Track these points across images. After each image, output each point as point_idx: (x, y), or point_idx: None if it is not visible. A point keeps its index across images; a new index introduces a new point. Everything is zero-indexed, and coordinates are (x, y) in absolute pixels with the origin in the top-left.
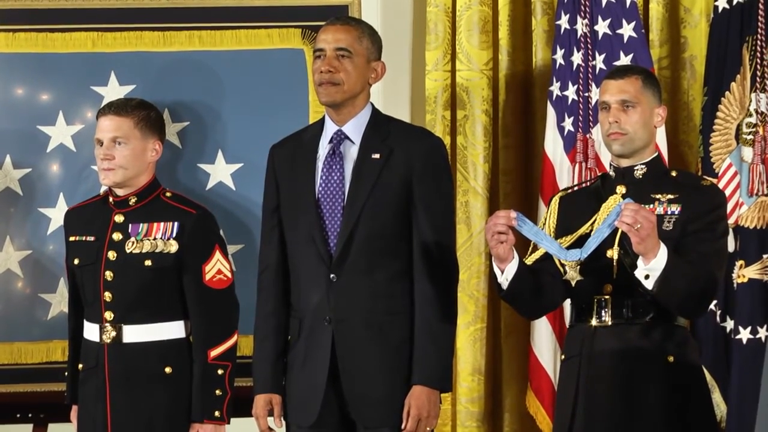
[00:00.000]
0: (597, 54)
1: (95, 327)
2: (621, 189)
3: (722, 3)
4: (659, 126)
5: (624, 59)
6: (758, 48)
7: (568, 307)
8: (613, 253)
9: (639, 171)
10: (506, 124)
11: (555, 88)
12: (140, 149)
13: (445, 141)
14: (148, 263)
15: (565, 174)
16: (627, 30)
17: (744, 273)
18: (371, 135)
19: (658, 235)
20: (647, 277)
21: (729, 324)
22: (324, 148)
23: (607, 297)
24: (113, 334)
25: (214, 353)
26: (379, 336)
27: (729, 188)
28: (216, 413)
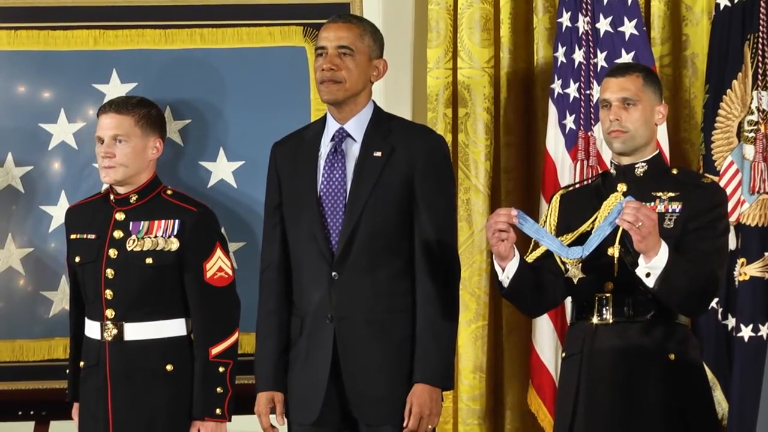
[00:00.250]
0: (598, 52)
1: (96, 325)
2: (622, 187)
3: (724, 1)
4: (660, 124)
5: (625, 57)
6: (760, 46)
7: (569, 305)
8: (614, 251)
9: (640, 169)
10: (508, 122)
11: (556, 86)
12: (141, 147)
13: (447, 139)
14: (149, 261)
15: (567, 172)
16: (628, 27)
17: (745, 271)
18: (373, 133)
19: (659, 233)
20: (648, 275)
21: (730, 322)
22: (326, 146)
23: (608, 295)
24: (114, 332)
25: (215, 351)
26: (381, 334)
27: (730, 186)
28: (217, 411)
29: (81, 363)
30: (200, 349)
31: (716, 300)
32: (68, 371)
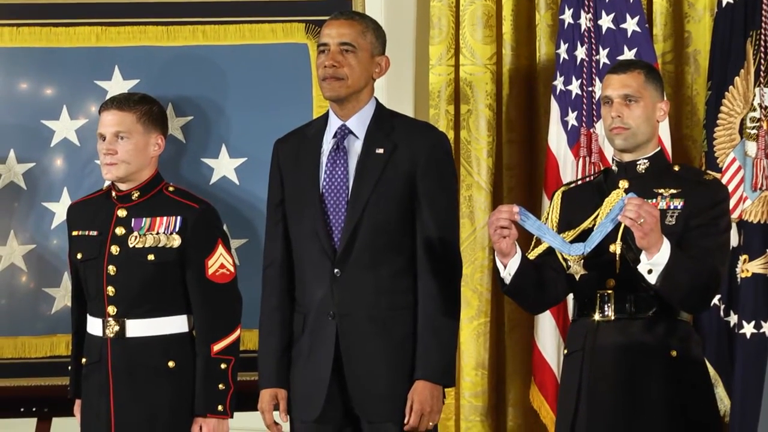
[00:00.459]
0: (601, 48)
1: (98, 321)
2: (623, 184)
3: None
4: (662, 120)
5: (628, 54)
6: (762, 43)
7: (571, 302)
8: (616, 248)
9: (641, 165)
10: (510, 119)
11: (558, 83)
12: (143, 144)
13: (449, 135)
14: (151, 258)
15: (569, 168)
16: (631, 24)
17: (748, 267)
18: (375, 130)
19: (661, 230)
20: (650, 272)
21: (732, 318)
22: (328, 143)
23: (610, 291)
24: (116, 329)
25: (217, 347)
26: (383, 331)
27: (733, 183)
28: (219, 407)
29: (83, 360)
30: (202, 346)
31: (718, 297)
32: (70, 368)
